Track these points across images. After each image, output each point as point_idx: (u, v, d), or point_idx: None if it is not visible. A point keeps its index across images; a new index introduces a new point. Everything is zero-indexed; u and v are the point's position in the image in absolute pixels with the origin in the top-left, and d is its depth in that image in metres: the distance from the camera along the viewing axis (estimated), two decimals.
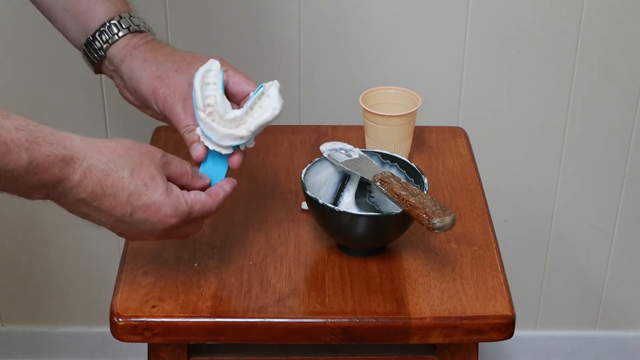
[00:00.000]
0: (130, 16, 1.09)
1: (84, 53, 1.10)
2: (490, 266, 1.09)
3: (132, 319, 1.01)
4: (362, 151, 1.16)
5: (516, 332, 1.06)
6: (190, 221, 0.97)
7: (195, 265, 1.09)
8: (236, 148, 1.04)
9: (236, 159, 1.04)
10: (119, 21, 1.08)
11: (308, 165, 1.12)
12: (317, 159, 1.14)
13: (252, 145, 1.05)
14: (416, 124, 1.28)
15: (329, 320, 1.02)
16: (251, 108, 1.02)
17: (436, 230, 1.00)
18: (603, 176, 1.70)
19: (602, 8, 1.54)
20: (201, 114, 1.02)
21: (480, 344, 1.08)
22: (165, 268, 1.08)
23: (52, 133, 0.87)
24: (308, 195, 1.07)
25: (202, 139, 1.03)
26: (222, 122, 1.02)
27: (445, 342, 1.03)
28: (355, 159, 1.13)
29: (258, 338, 1.02)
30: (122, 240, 1.55)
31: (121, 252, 1.12)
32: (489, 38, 1.56)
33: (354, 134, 1.34)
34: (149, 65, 1.06)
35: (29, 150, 0.84)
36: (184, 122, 1.04)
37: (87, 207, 0.91)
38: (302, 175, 1.10)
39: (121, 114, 1.62)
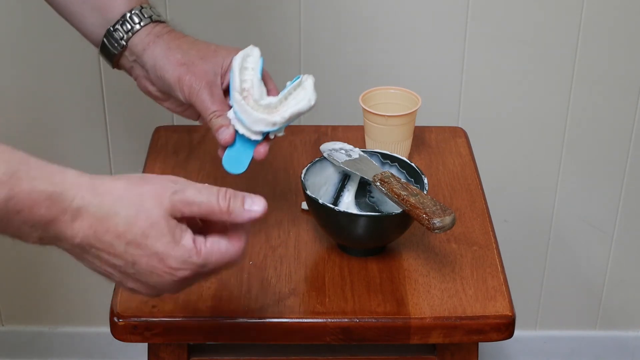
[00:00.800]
0: (151, 7, 1.10)
1: (103, 46, 1.10)
2: (490, 266, 1.09)
3: (132, 319, 1.01)
4: (362, 151, 1.16)
5: (516, 332, 1.06)
6: (207, 273, 0.84)
7: None
8: (265, 136, 1.04)
9: (262, 151, 1.04)
10: (140, 11, 1.08)
11: (308, 165, 1.12)
12: (317, 159, 1.14)
13: (281, 134, 1.05)
14: (416, 124, 1.28)
15: (329, 320, 1.02)
16: (286, 98, 1.03)
17: (436, 230, 1.00)
18: (603, 176, 1.70)
19: (602, 8, 1.54)
20: (237, 96, 1.02)
21: (480, 344, 1.08)
22: None
23: (40, 167, 0.77)
24: (308, 195, 1.07)
25: (233, 121, 1.03)
26: (256, 106, 1.02)
27: (445, 342, 1.03)
28: (355, 159, 1.13)
29: (258, 338, 1.02)
30: None
31: None
32: (489, 38, 1.56)
33: (354, 134, 1.34)
34: (174, 52, 1.06)
35: (8, 184, 0.75)
36: (211, 108, 1.04)
37: (87, 254, 0.82)
38: (302, 175, 1.10)
39: (121, 114, 1.62)
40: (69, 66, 1.57)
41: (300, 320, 1.02)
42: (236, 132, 1.04)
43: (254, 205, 0.83)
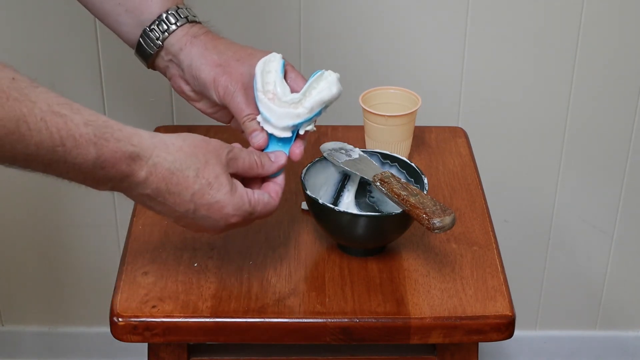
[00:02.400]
0: (187, 7, 1.11)
1: (139, 47, 1.11)
2: (490, 266, 1.09)
3: (132, 319, 1.01)
4: (362, 151, 1.16)
5: (516, 332, 1.06)
6: (251, 220, 0.99)
7: (195, 265, 1.09)
8: (295, 133, 1.04)
9: (298, 152, 1.05)
10: (176, 11, 1.09)
11: (308, 165, 1.12)
12: (317, 159, 1.14)
13: (311, 129, 1.06)
14: (416, 124, 1.28)
15: (329, 320, 1.02)
16: (309, 92, 1.04)
17: (436, 230, 1.00)
18: (603, 176, 1.70)
19: (602, 8, 1.54)
20: (260, 95, 1.03)
21: (480, 344, 1.08)
22: (165, 268, 1.08)
23: (121, 129, 0.89)
24: (308, 195, 1.07)
25: (261, 123, 1.04)
26: (280, 103, 1.03)
27: (445, 342, 1.03)
28: (355, 159, 1.13)
29: (258, 338, 1.02)
30: (122, 240, 1.55)
31: (121, 252, 1.12)
32: (489, 38, 1.56)
33: (354, 134, 1.34)
34: (210, 53, 1.07)
35: (97, 145, 0.86)
36: (246, 110, 1.05)
37: (152, 202, 0.93)
38: (302, 175, 1.10)
39: (121, 114, 1.62)
40: (69, 66, 1.57)
41: (300, 320, 1.02)
42: (269, 135, 1.04)
43: (278, 158, 1.03)
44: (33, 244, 1.76)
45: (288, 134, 1.04)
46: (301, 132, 1.05)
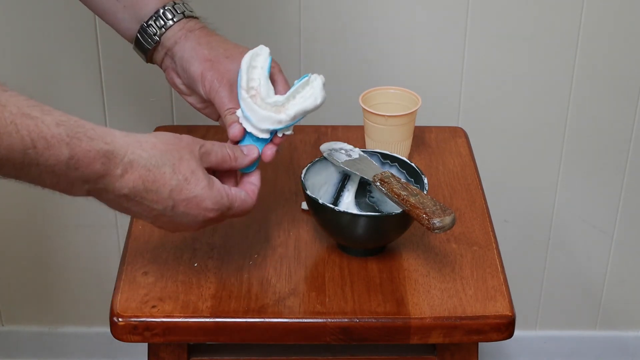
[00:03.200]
0: (184, 2, 1.12)
1: (137, 42, 1.12)
2: (490, 266, 1.09)
3: (132, 319, 1.01)
4: (362, 151, 1.16)
5: (516, 332, 1.06)
6: (228, 216, 0.98)
7: (195, 265, 1.09)
8: (273, 134, 1.04)
9: (269, 153, 1.05)
10: (173, 7, 1.10)
11: (308, 165, 1.12)
12: (317, 159, 1.14)
13: (290, 133, 1.05)
14: (416, 124, 1.28)
15: (329, 320, 1.02)
16: (293, 96, 1.03)
17: (436, 230, 1.00)
18: (603, 176, 1.70)
19: (602, 8, 1.54)
20: (243, 93, 1.03)
21: (480, 344, 1.08)
22: (165, 268, 1.08)
23: (94, 128, 0.87)
24: (308, 195, 1.07)
25: (241, 120, 1.04)
26: (263, 104, 1.03)
27: (445, 342, 1.03)
28: (355, 159, 1.13)
29: (258, 338, 1.02)
30: (122, 240, 1.55)
31: (121, 252, 1.12)
32: (489, 38, 1.56)
33: (354, 134, 1.34)
34: (202, 48, 1.08)
35: (70, 145, 0.85)
36: (228, 105, 1.06)
37: (129, 202, 0.92)
38: (302, 175, 1.10)
39: (121, 114, 1.62)
40: (68, 66, 1.57)
41: (300, 320, 1.02)
42: (246, 131, 1.04)
43: (250, 151, 1.02)
44: (33, 244, 1.76)
45: (267, 136, 1.04)
46: (279, 134, 1.04)
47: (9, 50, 1.56)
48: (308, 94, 1.03)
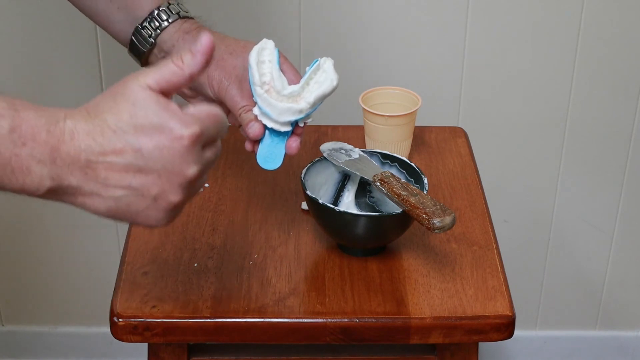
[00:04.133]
0: (178, 3, 1.10)
1: (131, 45, 1.10)
2: (490, 266, 1.09)
3: (132, 319, 1.01)
4: (362, 151, 1.16)
5: (516, 332, 1.06)
6: (207, 136, 0.81)
7: (195, 265, 1.09)
8: (294, 125, 1.04)
9: (294, 145, 1.04)
10: (167, 7, 1.09)
11: (308, 165, 1.12)
12: (317, 159, 1.14)
13: (310, 121, 1.05)
14: (416, 124, 1.28)
15: (329, 320, 1.02)
16: (307, 83, 1.03)
17: (436, 230, 1.00)
18: (603, 176, 1.70)
19: (602, 8, 1.54)
20: (258, 90, 1.02)
21: (480, 344, 1.08)
22: (165, 268, 1.08)
23: (29, 102, 0.78)
24: (308, 195, 1.07)
25: (259, 117, 1.03)
26: (279, 97, 1.02)
27: (445, 342, 1.03)
28: (355, 159, 1.13)
29: (258, 338, 1.02)
30: (122, 240, 1.55)
31: (121, 252, 1.12)
32: (489, 38, 1.56)
33: (354, 134, 1.34)
34: None
35: (8, 117, 0.75)
36: (241, 103, 1.04)
37: (98, 170, 0.78)
38: (302, 175, 1.10)
39: None
40: (68, 66, 1.57)
41: (300, 320, 1.02)
42: (266, 127, 1.04)
43: (198, 44, 0.81)
44: (33, 244, 1.76)
45: (288, 128, 1.03)
46: (301, 124, 1.04)
47: (9, 50, 1.56)
48: (322, 78, 1.03)
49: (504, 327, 1.03)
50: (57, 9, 1.52)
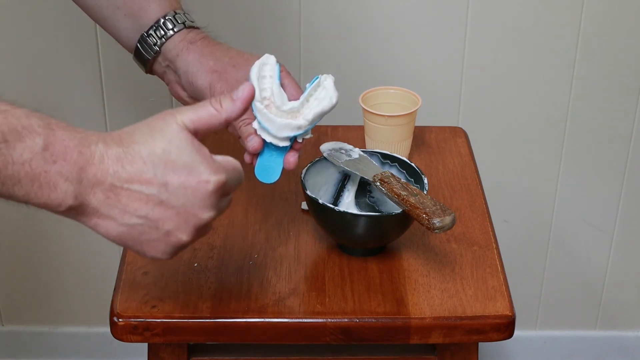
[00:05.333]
0: (185, 13, 1.10)
1: (137, 52, 1.11)
2: (490, 266, 1.09)
3: (132, 319, 1.01)
4: (362, 151, 1.16)
5: (516, 332, 1.06)
6: (227, 191, 0.86)
7: (195, 265, 1.09)
8: (293, 140, 1.04)
9: (292, 160, 1.04)
10: (174, 16, 1.09)
11: (308, 165, 1.12)
12: (317, 159, 1.14)
13: (309, 137, 1.05)
14: (416, 124, 1.28)
15: (329, 320, 1.02)
16: (307, 100, 1.03)
17: (436, 230, 1.00)
18: (603, 176, 1.70)
19: (602, 8, 1.54)
20: (258, 105, 1.02)
21: (480, 344, 1.08)
22: (165, 268, 1.08)
23: (63, 122, 0.82)
24: (308, 195, 1.07)
25: (258, 131, 1.03)
26: (278, 113, 1.02)
27: (445, 342, 1.03)
28: (355, 159, 1.14)
29: (258, 338, 1.02)
30: None
31: (121, 252, 1.12)
32: (489, 38, 1.56)
33: (354, 134, 1.34)
34: (207, 59, 1.06)
35: (43, 135, 0.79)
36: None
37: (120, 196, 0.81)
38: (302, 175, 1.10)
39: (121, 114, 1.62)
40: (69, 66, 1.57)
41: (300, 320, 1.02)
42: (264, 141, 1.04)
43: (239, 92, 0.86)
44: (33, 244, 1.76)
45: (287, 144, 1.04)
46: (299, 140, 1.05)
47: (9, 50, 1.56)
48: (322, 95, 1.03)
49: (504, 327, 1.03)
50: (57, 9, 1.52)
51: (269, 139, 1.03)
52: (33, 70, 1.58)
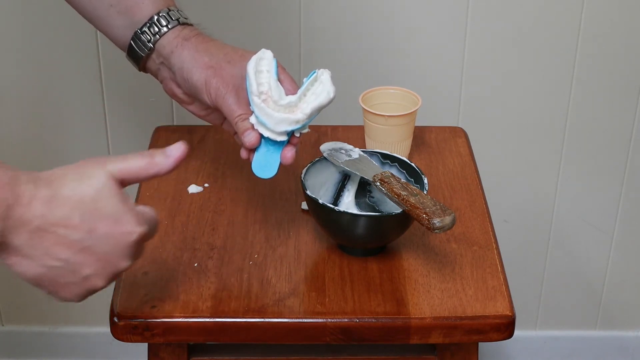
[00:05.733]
0: (178, 10, 1.10)
1: (130, 49, 1.10)
2: (490, 266, 1.09)
3: (132, 319, 1.01)
4: (362, 151, 1.16)
5: (516, 332, 1.06)
6: (144, 239, 0.87)
7: (195, 265, 1.09)
8: (290, 135, 1.04)
9: (289, 155, 1.04)
10: (167, 13, 1.09)
11: (308, 165, 1.12)
12: (317, 159, 1.14)
13: (306, 131, 1.05)
14: (416, 124, 1.28)
15: (329, 320, 1.02)
16: (305, 94, 1.04)
17: (436, 230, 1.00)
18: (603, 176, 1.70)
19: (602, 8, 1.54)
20: (256, 99, 1.02)
21: (480, 344, 1.08)
22: (165, 268, 1.08)
23: None
24: (308, 195, 1.07)
25: (256, 126, 1.03)
26: (276, 107, 1.02)
27: (445, 342, 1.03)
28: (355, 159, 1.14)
29: (258, 338, 1.02)
30: None
31: None
32: (489, 38, 1.56)
33: (354, 134, 1.34)
34: (201, 55, 1.06)
35: None
36: (237, 111, 1.04)
37: (45, 239, 0.81)
38: (302, 175, 1.10)
39: (121, 114, 1.62)
40: (69, 66, 1.57)
41: (300, 320, 1.02)
42: (262, 136, 1.04)
43: (174, 150, 0.87)
44: None
45: (284, 138, 1.04)
46: (297, 134, 1.05)
47: (9, 50, 1.56)
48: (319, 89, 1.04)
49: (504, 327, 1.03)
50: (57, 9, 1.52)
51: (266, 134, 1.03)
52: (33, 70, 1.58)
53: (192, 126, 1.37)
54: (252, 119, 1.03)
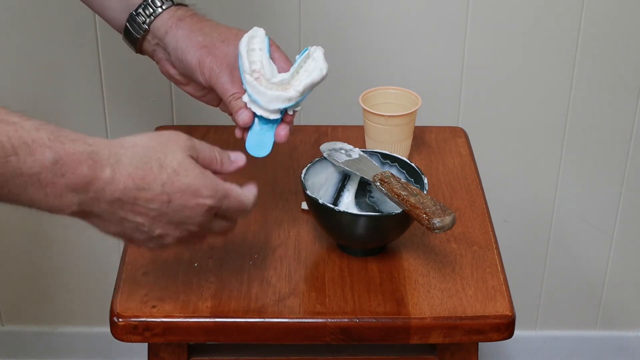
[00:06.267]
0: None
1: (126, 31, 1.11)
2: (490, 266, 1.10)
3: (132, 319, 1.01)
4: (362, 151, 1.16)
5: (516, 332, 1.06)
6: (225, 211, 0.93)
7: (195, 265, 1.09)
8: (283, 113, 1.04)
9: (283, 133, 1.05)
10: None
11: (308, 165, 1.12)
12: (317, 159, 1.14)
13: (299, 109, 1.05)
14: (416, 124, 1.28)
15: (329, 320, 1.02)
16: (297, 72, 1.04)
17: (436, 230, 1.00)
18: (603, 176, 1.70)
19: (602, 8, 1.54)
20: (248, 77, 1.03)
21: (480, 344, 1.08)
22: (165, 268, 1.08)
23: (73, 132, 0.84)
24: (308, 195, 1.07)
25: (249, 104, 1.04)
26: (269, 85, 1.03)
27: (445, 342, 1.03)
28: (355, 159, 1.14)
29: (258, 338, 1.02)
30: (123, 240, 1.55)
31: (121, 252, 1.12)
32: (489, 38, 1.56)
33: (354, 134, 1.34)
34: (196, 35, 1.07)
35: (53, 148, 0.81)
36: (231, 90, 1.05)
37: (124, 209, 0.87)
38: (302, 175, 1.10)
39: (121, 114, 1.62)
40: (69, 66, 1.57)
41: (300, 320, 1.02)
42: (255, 115, 1.04)
43: (239, 158, 0.97)
44: (33, 244, 1.76)
45: (277, 116, 1.04)
46: (290, 112, 1.05)
47: (9, 50, 1.56)
48: (311, 67, 1.04)
49: (504, 327, 1.03)
50: (58, 9, 1.52)
51: (259, 112, 1.03)
52: (33, 70, 1.58)
53: (192, 126, 1.37)
54: (245, 98, 1.04)
